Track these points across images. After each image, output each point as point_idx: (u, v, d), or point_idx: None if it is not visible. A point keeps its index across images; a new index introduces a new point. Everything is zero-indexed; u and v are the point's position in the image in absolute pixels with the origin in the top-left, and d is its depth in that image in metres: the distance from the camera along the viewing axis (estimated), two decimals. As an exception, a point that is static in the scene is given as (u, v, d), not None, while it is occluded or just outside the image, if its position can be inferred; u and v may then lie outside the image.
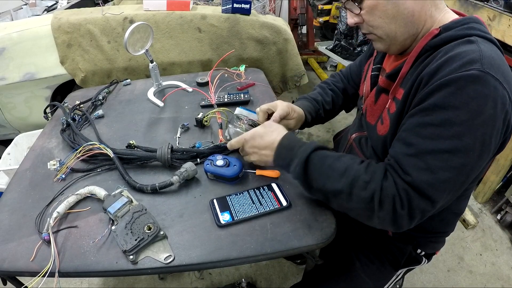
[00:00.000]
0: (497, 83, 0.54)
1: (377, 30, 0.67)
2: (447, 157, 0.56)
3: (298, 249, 0.66)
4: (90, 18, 1.60)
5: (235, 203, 0.75)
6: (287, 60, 1.81)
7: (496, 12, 1.58)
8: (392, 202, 0.58)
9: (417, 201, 0.57)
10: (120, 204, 0.71)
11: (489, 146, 0.57)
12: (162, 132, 1.03)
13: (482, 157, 0.57)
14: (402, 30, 0.65)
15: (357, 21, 0.68)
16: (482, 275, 1.54)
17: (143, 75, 1.72)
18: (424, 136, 0.58)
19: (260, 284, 1.51)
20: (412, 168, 0.58)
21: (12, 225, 0.73)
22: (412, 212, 0.58)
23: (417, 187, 0.57)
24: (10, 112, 1.78)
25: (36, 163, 0.93)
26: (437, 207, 0.59)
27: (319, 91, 1.03)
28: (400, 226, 0.60)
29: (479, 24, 0.62)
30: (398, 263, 0.86)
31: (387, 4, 0.62)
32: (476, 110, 0.54)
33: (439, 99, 0.56)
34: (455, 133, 0.55)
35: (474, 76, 0.53)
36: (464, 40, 0.59)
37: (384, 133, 0.71)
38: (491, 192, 1.85)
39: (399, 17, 0.63)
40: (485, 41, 0.60)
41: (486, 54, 0.56)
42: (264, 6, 2.24)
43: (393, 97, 0.69)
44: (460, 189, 0.60)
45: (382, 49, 0.72)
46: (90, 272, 0.64)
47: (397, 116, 0.66)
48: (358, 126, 0.87)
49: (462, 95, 0.54)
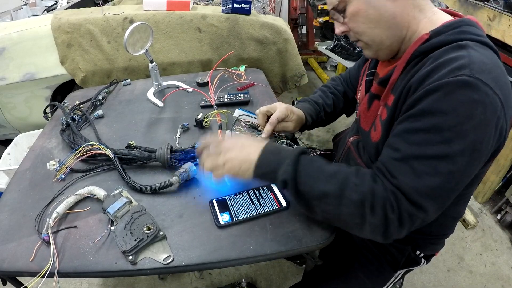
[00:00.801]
0: (487, 88, 0.53)
1: (363, 36, 0.67)
2: (434, 163, 0.55)
3: (297, 249, 0.66)
4: (90, 18, 1.60)
5: (234, 204, 0.75)
6: (287, 60, 1.81)
7: (496, 12, 1.57)
8: (383, 206, 0.56)
9: (405, 205, 0.56)
10: (120, 205, 0.71)
11: (480, 152, 0.55)
12: (161, 132, 1.03)
13: (473, 164, 0.56)
14: (387, 34, 0.65)
15: (343, 29, 0.69)
16: (482, 275, 1.54)
17: (143, 75, 1.72)
18: (412, 142, 0.57)
19: (260, 284, 1.51)
20: (398, 171, 0.57)
21: (12, 225, 0.73)
22: (401, 217, 0.56)
23: (403, 191, 0.56)
24: (10, 112, 1.78)
25: (36, 163, 0.93)
26: (430, 215, 0.58)
27: (320, 94, 1.03)
28: (390, 234, 0.58)
29: (472, 27, 0.61)
30: (397, 264, 0.86)
31: (368, 9, 0.63)
32: (465, 115, 0.53)
33: (427, 105, 0.55)
34: (444, 138, 0.54)
35: (463, 81, 0.52)
36: (454, 46, 0.58)
37: (377, 140, 0.70)
38: (491, 192, 1.85)
39: (381, 21, 0.63)
40: (479, 45, 0.58)
41: (476, 60, 0.54)
42: (264, 6, 2.25)
43: (384, 104, 0.69)
44: (450, 196, 0.58)
45: (371, 56, 0.72)
46: (90, 272, 0.64)
47: (388, 123, 0.66)
48: (356, 130, 0.87)
49: (451, 100, 0.53)
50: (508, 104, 0.56)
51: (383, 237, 0.59)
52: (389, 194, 0.57)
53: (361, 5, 0.63)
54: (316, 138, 2.46)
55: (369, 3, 0.62)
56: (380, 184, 0.58)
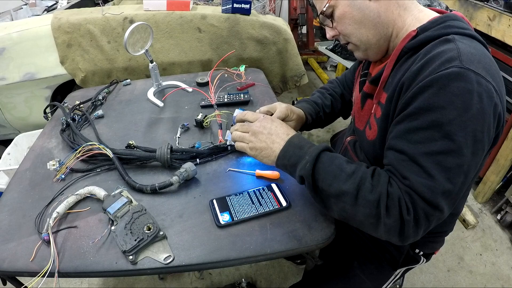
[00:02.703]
0: (480, 77, 0.53)
1: (351, 38, 0.70)
2: (441, 158, 0.55)
3: (297, 249, 0.66)
4: (90, 18, 1.60)
5: (234, 204, 0.75)
6: (287, 60, 1.81)
7: (496, 12, 1.57)
8: (398, 207, 0.56)
9: (421, 204, 0.56)
10: (120, 205, 0.71)
11: (482, 142, 0.56)
12: (162, 132, 1.03)
13: (477, 154, 0.56)
14: (373, 33, 0.67)
15: (333, 34, 0.73)
16: (482, 275, 1.54)
17: (143, 75, 1.72)
18: (415, 141, 0.57)
19: (260, 284, 1.51)
20: (409, 172, 0.57)
21: (12, 225, 0.73)
22: (418, 217, 0.56)
23: (417, 190, 0.56)
24: (10, 112, 1.78)
25: (36, 163, 0.93)
26: (444, 213, 0.58)
27: (319, 95, 1.04)
28: (407, 235, 0.58)
29: (458, 21, 0.62)
30: (396, 263, 0.86)
31: (353, 10, 0.66)
32: (462, 106, 0.53)
33: (423, 102, 0.55)
34: (445, 133, 0.54)
35: (455, 73, 0.53)
36: (441, 40, 0.59)
37: (373, 138, 0.71)
38: (491, 192, 1.85)
39: (366, 21, 0.66)
40: (465, 38, 0.59)
41: (464, 51, 0.55)
42: (264, 6, 2.24)
43: (377, 102, 0.70)
44: (462, 189, 0.59)
45: (362, 57, 0.74)
46: (90, 272, 0.64)
47: (384, 120, 0.67)
48: (353, 130, 0.88)
49: (446, 94, 0.53)
50: (502, 91, 0.57)
51: (400, 238, 0.59)
52: (404, 195, 0.57)
53: (346, 7, 0.66)
54: (316, 138, 2.46)
55: (353, 5, 0.65)
56: (395, 186, 0.59)
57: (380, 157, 0.67)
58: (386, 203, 0.57)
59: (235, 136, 0.77)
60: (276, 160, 0.70)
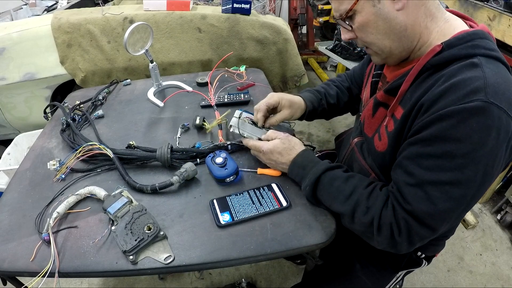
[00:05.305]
0: (501, 112, 0.52)
1: (372, 45, 0.66)
2: (448, 189, 0.55)
3: (298, 249, 0.67)
4: (90, 18, 1.60)
5: (235, 204, 0.75)
6: (287, 60, 1.81)
7: (496, 12, 1.57)
8: (389, 229, 0.60)
9: (417, 229, 0.58)
10: (120, 204, 0.71)
11: (491, 175, 0.56)
12: (162, 132, 1.03)
13: (484, 186, 0.56)
14: (397, 45, 0.63)
15: (350, 36, 0.67)
16: (482, 275, 1.54)
17: (143, 75, 1.72)
18: (425, 167, 0.57)
19: (260, 284, 1.51)
20: (413, 197, 0.58)
21: (12, 225, 0.73)
22: (412, 239, 0.60)
23: (417, 217, 0.58)
24: (10, 112, 1.78)
25: (36, 163, 0.93)
26: (438, 233, 0.60)
27: (323, 85, 1.03)
28: (399, 250, 0.63)
29: (485, 40, 0.59)
30: (398, 265, 0.86)
31: (378, 20, 0.60)
32: (478, 142, 0.52)
33: (440, 131, 0.54)
34: (457, 165, 0.54)
35: (478, 108, 0.51)
36: (468, 64, 0.56)
37: (383, 150, 0.69)
38: (491, 192, 1.85)
39: (391, 33, 0.61)
40: (491, 61, 0.57)
41: (491, 81, 0.53)
42: (264, 6, 2.24)
43: (391, 115, 0.67)
44: (461, 215, 0.61)
45: (379, 62, 0.73)
46: (90, 272, 0.64)
47: (396, 136, 0.65)
48: (360, 131, 0.85)
49: (465, 128, 0.52)
50: None
51: (393, 251, 0.64)
52: (399, 219, 0.59)
53: (371, 15, 0.60)
54: (316, 138, 2.46)
55: (379, 14, 0.60)
56: (390, 209, 0.61)
57: (388, 168, 0.68)
58: (378, 224, 0.62)
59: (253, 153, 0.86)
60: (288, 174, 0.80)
